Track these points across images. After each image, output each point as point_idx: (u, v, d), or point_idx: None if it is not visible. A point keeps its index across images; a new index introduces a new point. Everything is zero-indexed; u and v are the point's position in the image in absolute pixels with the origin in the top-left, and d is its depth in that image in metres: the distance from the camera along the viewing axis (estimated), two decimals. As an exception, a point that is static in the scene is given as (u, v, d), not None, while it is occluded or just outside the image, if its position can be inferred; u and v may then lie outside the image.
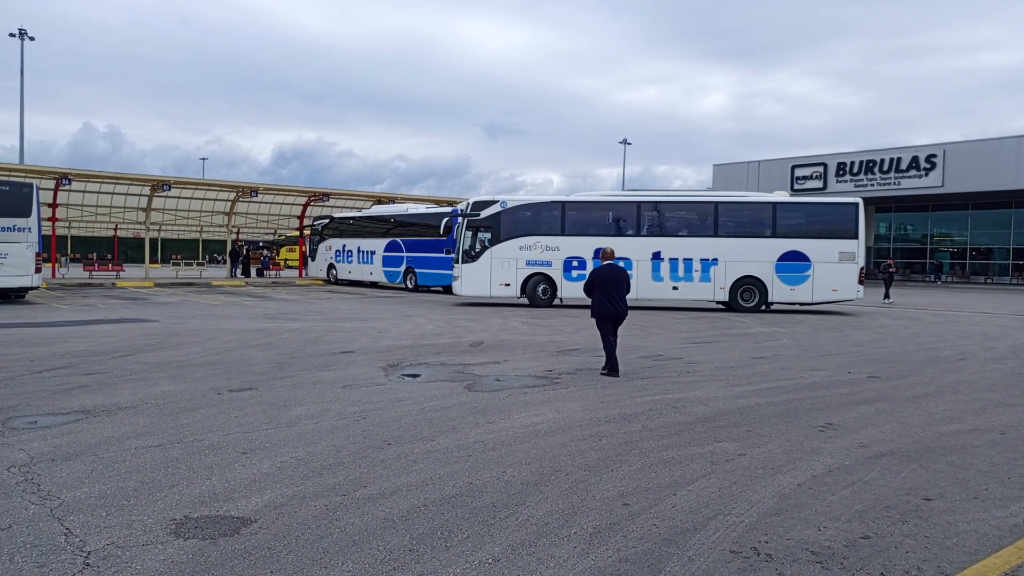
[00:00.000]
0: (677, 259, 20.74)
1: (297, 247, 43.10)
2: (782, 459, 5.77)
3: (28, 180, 22.89)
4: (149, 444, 5.88)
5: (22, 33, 39.54)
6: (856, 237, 20.26)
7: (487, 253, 21.18)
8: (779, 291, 20.45)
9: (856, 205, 20.66)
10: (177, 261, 43.68)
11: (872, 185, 42.16)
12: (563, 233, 21.14)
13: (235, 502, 4.59)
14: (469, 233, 21.30)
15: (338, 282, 33.60)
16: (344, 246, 33.14)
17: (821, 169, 44.19)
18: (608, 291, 9.51)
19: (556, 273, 21.02)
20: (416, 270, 28.90)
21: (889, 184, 41.55)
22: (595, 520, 4.41)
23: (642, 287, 20.36)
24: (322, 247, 34.75)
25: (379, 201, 38.38)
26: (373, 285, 32.14)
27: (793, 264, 20.36)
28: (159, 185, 32.77)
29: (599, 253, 19.35)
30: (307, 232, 37.98)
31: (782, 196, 22.14)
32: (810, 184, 44.33)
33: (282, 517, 4.36)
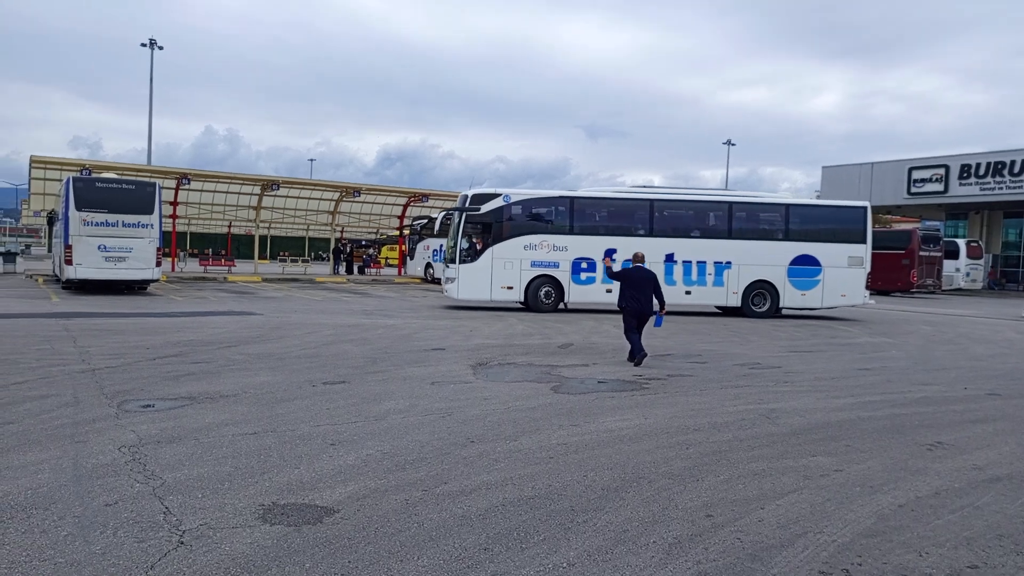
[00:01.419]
0: (691, 261, 19.80)
1: (397, 246, 44.27)
2: (883, 477, 5.42)
3: (152, 180, 24.47)
4: (245, 432, 6.14)
5: (152, 43, 42.38)
6: (864, 241, 19.99)
7: (488, 252, 19.20)
8: (790, 296, 19.97)
9: (865, 208, 20.31)
10: (284, 258, 45.71)
11: (1000, 188, 39.20)
12: (572, 232, 19.62)
13: (320, 492, 4.72)
14: (467, 230, 19.30)
15: (435, 281, 34.24)
16: (441, 246, 33.76)
17: (942, 172, 41.46)
18: (634, 291, 10.92)
19: (563, 275, 19.36)
20: None
21: (1020, 188, 38.56)
22: (676, 530, 4.28)
23: None
24: (420, 246, 35.54)
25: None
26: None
27: (804, 268, 19.87)
28: (269, 185, 34.39)
29: (609, 254, 19.19)
30: (406, 232, 38.95)
31: (788, 197, 21.59)
32: (929, 187, 41.71)
33: (363, 509, 4.44)
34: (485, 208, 19.26)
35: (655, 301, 11.13)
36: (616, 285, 15.59)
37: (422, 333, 13.80)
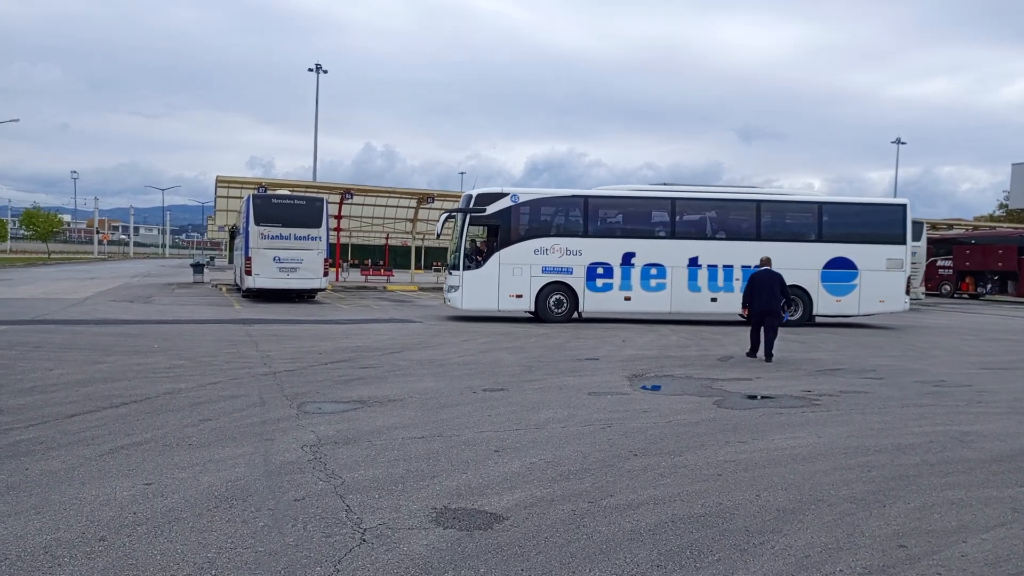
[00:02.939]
0: (716, 266, 18.25)
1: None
2: (1111, 515, 4.76)
3: (320, 196, 26.21)
4: (414, 435, 6.38)
5: (318, 68, 45.49)
6: (904, 243, 18.56)
7: (494, 257, 17.63)
8: (824, 302, 18.43)
9: (904, 207, 18.93)
10: (439, 267, 47.42)
11: None
12: (586, 234, 18.12)
13: (488, 498, 4.80)
14: (472, 233, 17.96)
15: None
16: None
17: None
18: (760, 292, 11.92)
19: (577, 282, 17.90)
20: None
21: None
22: (864, 559, 3.97)
23: (678, 298, 18.22)
24: None
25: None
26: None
27: (840, 272, 18.34)
28: (424, 198, 35.84)
29: (627, 258, 18.08)
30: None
31: (820, 195, 19.89)
32: None
33: (532, 517, 4.47)
34: (491, 209, 17.65)
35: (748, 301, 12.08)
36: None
37: (574, 343, 13.80)
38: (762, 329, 11.96)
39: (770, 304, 11.82)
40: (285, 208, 22.91)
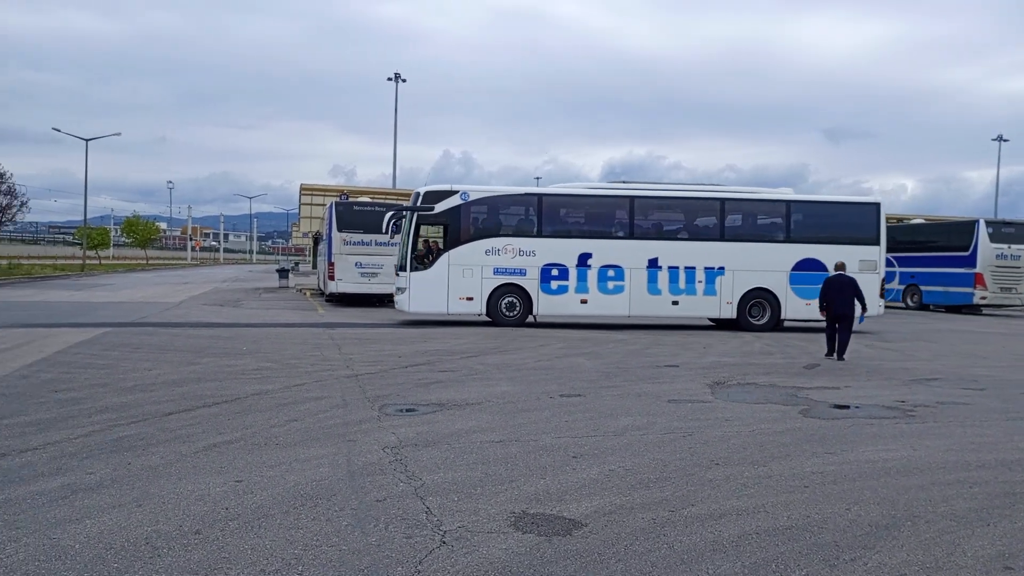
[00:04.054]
0: (678, 268, 17.45)
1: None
2: None
3: (400, 203, 26.75)
4: (492, 439, 6.41)
5: (397, 77, 46.48)
6: (878, 243, 17.73)
7: (443, 258, 17.03)
8: (794, 306, 17.57)
9: (878, 205, 18.12)
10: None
11: None
12: (540, 234, 17.38)
13: (567, 504, 4.77)
14: (419, 233, 17.31)
15: None
16: None
17: None
18: (835, 295, 12.44)
19: (531, 284, 17.19)
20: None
21: None
22: (967, 581, 3.75)
23: (637, 301, 17.44)
24: None
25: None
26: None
27: (809, 274, 17.31)
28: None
29: (584, 259, 17.42)
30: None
31: (791, 193, 18.64)
32: None
33: (611, 525, 4.42)
34: (439, 207, 16.97)
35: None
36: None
37: (653, 349, 13.61)
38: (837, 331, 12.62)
39: (844, 308, 12.36)
40: (366, 215, 23.49)
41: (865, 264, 17.53)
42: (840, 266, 13.11)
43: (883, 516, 4.67)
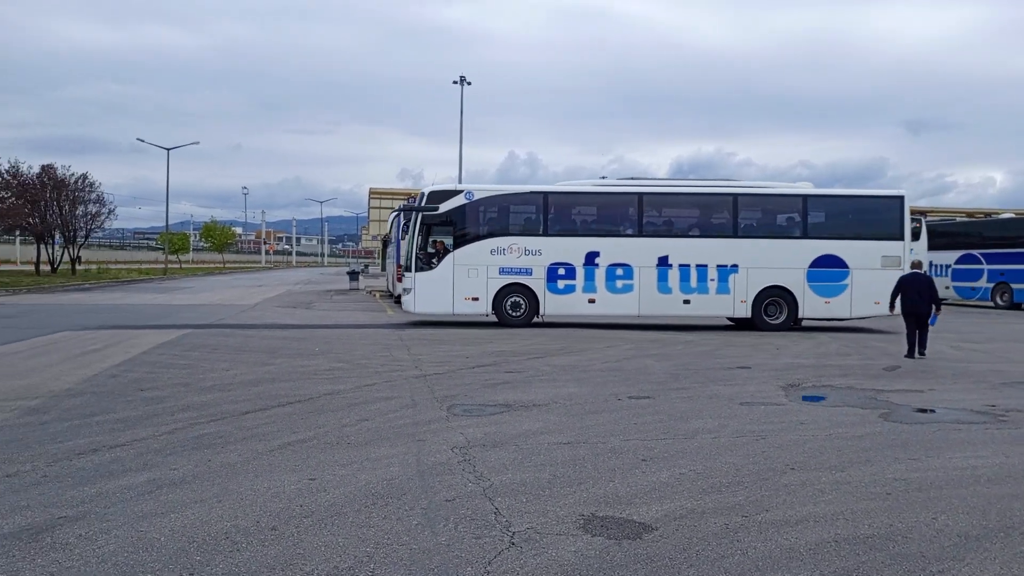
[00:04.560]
0: (688, 265, 16.96)
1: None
2: None
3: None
4: (559, 441, 6.39)
5: (462, 80, 46.93)
6: (902, 238, 17.01)
7: (448, 259, 16.95)
8: (811, 304, 17.01)
9: (901, 199, 17.22)
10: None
11: None
12: (547, 233, 17.16)
13: (636, 507, 4.71)
14: (424, 233, 17.08)
15: None
16: None
17: None
18: (912, 294, 12.42)
19: (537, 283, 16.97)
20: None
21: None
22: (1067, 598, 3.53)
23: (647, 300, 17.05)
24: None
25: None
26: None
27: (828, 271, 16.91)
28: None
29: (591, 258, 17.08)
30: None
31: (807, 187, 17.98)
32: None
33: (682, 529, 4.34)
34: (444, 207, 16.85)
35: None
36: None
37: (724, 350, 13.33)
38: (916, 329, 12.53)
39: (920, 306, 12.35)
40: None
41: (888, 260, 16.90)
42: (916, 264, 13.23)
43: (973, 526, 4.44)
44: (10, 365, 10.28)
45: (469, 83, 46.54)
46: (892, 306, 13.07)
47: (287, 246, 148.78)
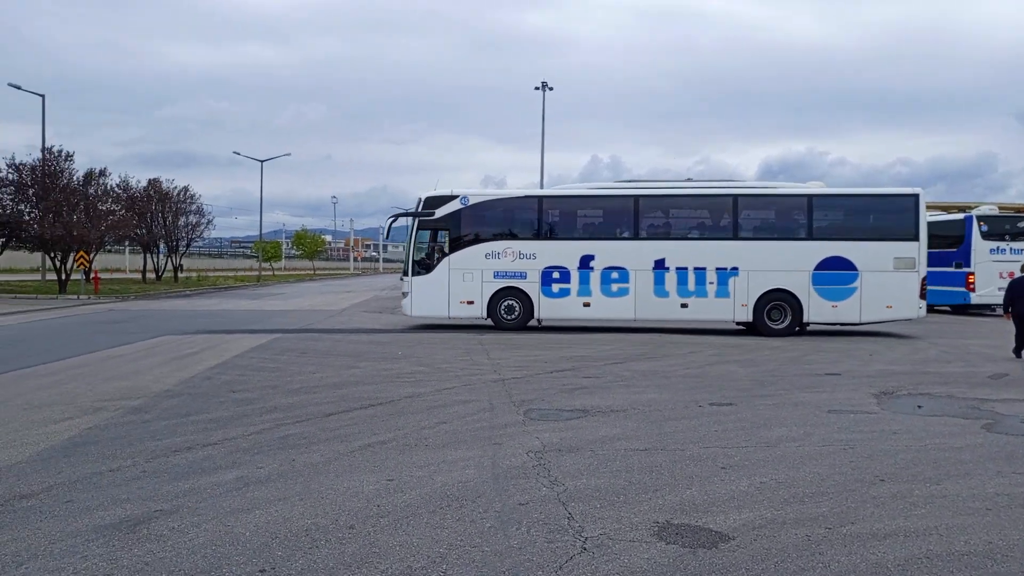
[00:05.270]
0: (686, 268, 16.68)
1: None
2: None
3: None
4: (636, 447, 6.31)
5: (543, 86, 47.09)
6: (917, 239, 16.18)
7: (444, 263, 17.23)
8: (817, 308, 16.42)
9: (916, 197, 16.37)
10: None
11: None
12: (540, 236, 17.16)
13: (713, 516, 4.60)
14: (422, 238, 17.46)
15: None
16: None
17: None
18: (1021, 297, 12.60)
19: (532, 287, 16.99)
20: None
21: None
22: None
23: (643, 304, 16.82)
24: None
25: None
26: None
27: (835, 274, 16.29)
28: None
29: (586, 261, 17.00)
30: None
31: (818, 187, 17.33)
32: None
33: (761, 539, 4.21)
34: (440, 212, 17.13)
35: None
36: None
37: (812, 356, 12.86)
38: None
39: None
40: None
41: (901, 262, 16.18)
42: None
43: (1083, 546, 4.12)
44: (116, 367, 10.96)
45: (551, 88, 46.67)
46: (1006, 310, 12.89)
47: (375, 253, 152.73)
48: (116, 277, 47.84)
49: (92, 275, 31.28)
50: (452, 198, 17.32)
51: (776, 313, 16.70)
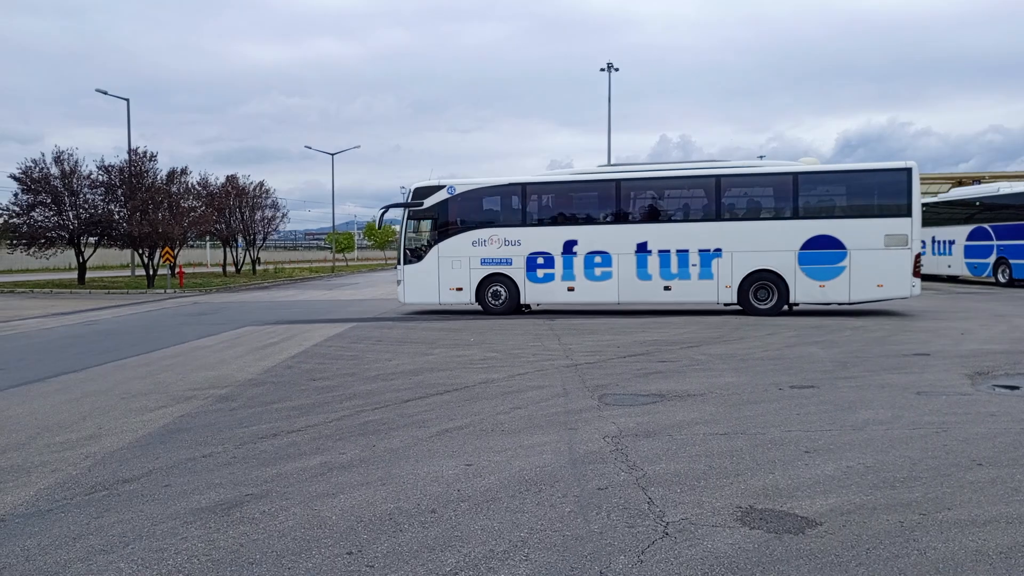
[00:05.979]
0: (668, 251, 16.60)
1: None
2: None
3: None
4: (715, 431, 6.20)
5: (609, 67, 46.48)
6: (909, 214, 15.51)
7: (433, 251, 17.71)
8: (804, 288, 16.05)
9: (908, 170, 15.61)
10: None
11: None
12: (525, 223, 17.42)
13: (798, 500, 4.49)
14: (412, 227, 18.03)
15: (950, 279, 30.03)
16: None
17: None
18: None
19: (518, 273, 17.33)
20: (1011, 261, 24.55)
21: None
22: None
23: (626, 287, 16.85)
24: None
25: (959, 183, 33.58)
26: (952, 280, 28.28)
27: (822, 252, 15.90)
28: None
29: (569, 247, 16.88)
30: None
31: (808, 163, 16.74)
32: None
33: (849, 525, 4.08)
34: (428, 203, 17.68)
35: None
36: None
37: (898, 336, 12.36)
38: None
39: None
40: None
41: (893, 239, 15.46)
42: None
43: None
44: (203, 357, 11.43)
45: (617, 69, 46.07)
46: None
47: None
48: (199, 271, 49.86)
49: (177, 270, 32.67)
50: (439, 188, 17.85)
51: (763, 293, 16.46)
